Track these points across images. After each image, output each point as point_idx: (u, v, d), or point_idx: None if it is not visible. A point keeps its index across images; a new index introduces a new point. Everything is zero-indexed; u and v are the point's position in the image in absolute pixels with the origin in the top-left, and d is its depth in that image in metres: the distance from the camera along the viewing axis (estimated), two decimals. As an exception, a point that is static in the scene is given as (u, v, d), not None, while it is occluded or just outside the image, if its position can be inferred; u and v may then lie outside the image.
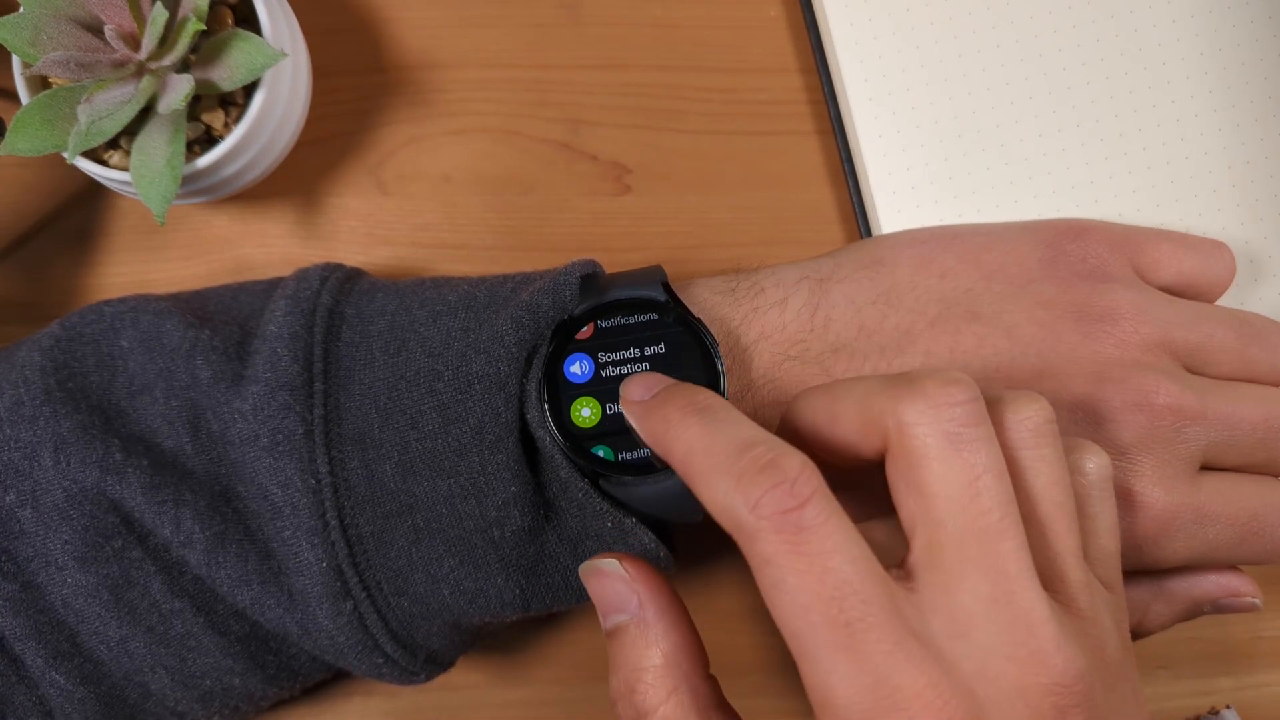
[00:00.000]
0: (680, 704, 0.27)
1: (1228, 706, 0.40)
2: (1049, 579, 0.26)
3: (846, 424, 0.27)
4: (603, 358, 0.32)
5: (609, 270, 0.34)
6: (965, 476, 0.25)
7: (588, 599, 0.33)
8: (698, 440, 0.27)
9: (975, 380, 0.33)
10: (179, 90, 0.33)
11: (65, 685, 0.31)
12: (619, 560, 0.29)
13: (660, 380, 0.30)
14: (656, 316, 0.32)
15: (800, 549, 0.24)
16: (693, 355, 0.32)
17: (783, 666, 0.40)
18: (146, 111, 0.34)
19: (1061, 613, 0.25)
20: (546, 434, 0.31)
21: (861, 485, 0.29)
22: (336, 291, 0.33)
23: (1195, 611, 0.35)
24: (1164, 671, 0.41)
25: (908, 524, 0.26)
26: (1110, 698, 0.26)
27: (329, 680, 0.37)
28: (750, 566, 0.25)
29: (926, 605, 0.25)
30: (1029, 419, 0.27)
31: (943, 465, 0.25)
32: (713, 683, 0.28)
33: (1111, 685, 0.26)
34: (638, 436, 0.30)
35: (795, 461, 0.25)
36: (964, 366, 0.33)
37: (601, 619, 0.29)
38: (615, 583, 0.29)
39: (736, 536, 0.25)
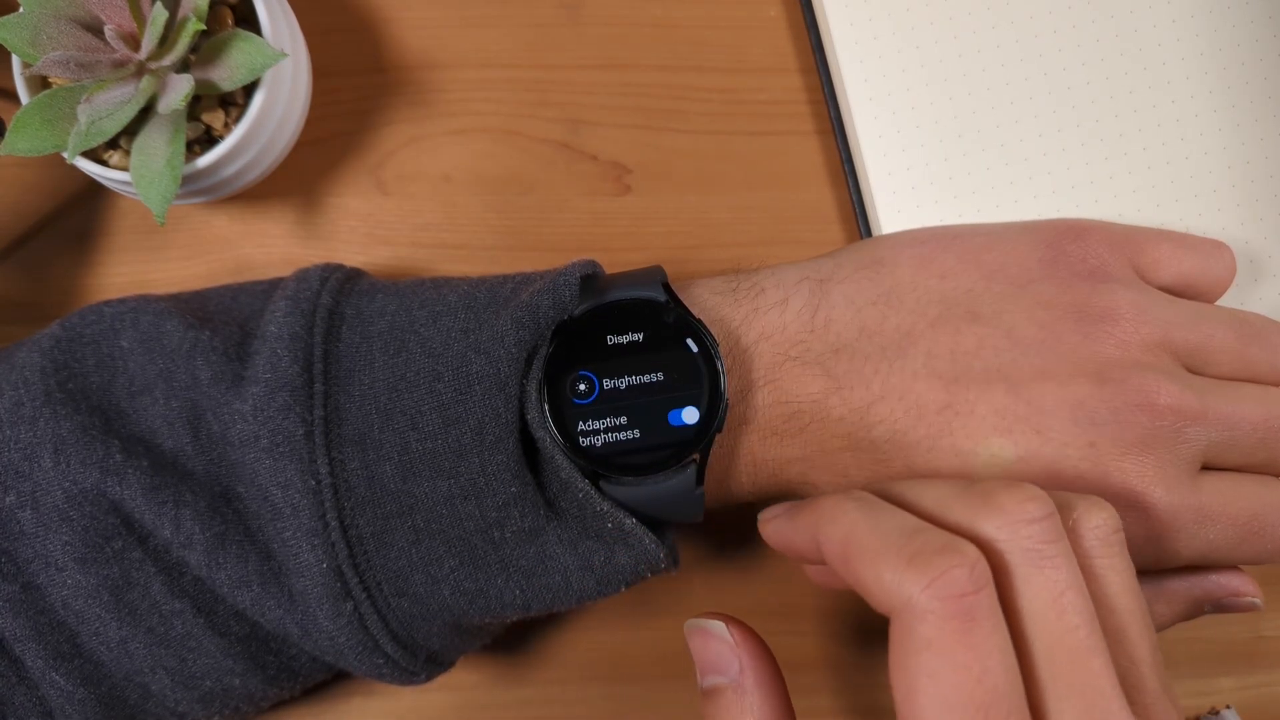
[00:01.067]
0: None
1: (1228, 706, 0.40)
2: (1127, 689, 0.26)
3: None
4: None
5: (609, 270, 0.34)
6: (1050, 594, 0.25)
7: (588, 600, 0.33)
8: (860, 523, 0.27)
9: (976, 382, 0.33)
10: (179, 90, 0.33)
11: (65, 686, 0.31)
12: (725, 623, 0.30)
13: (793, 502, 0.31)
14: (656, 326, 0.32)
15: (966, 639, 0.24)
16: (693, 355, 0.32)
17: (785, 666, 0.40)
18: (146, 111, 0.34)
19: None
20: (546, 434, 0.31)
21: None
22: (336, 292, 0.33)
23: (1196, 611, 0.35)
24: (1164, 671, 0.41)
25: None
26: None
27: (329, 681, 0.37)
28: (896, 647, 0.25)
29: None
30: (1099, 527, 0.28)
31: (1026, 585, 0.26)
32: None
33: None
34: (784, 548, 0.30)
35: (973, 549, 0.25)
36: (965, 368, 0.33)
37: (699, 676, 0.30)
38: (719, 645, 0.29)
39: (898, 618, 0.25)
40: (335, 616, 0.31)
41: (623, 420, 0.31)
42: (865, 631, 0.41)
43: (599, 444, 0.31)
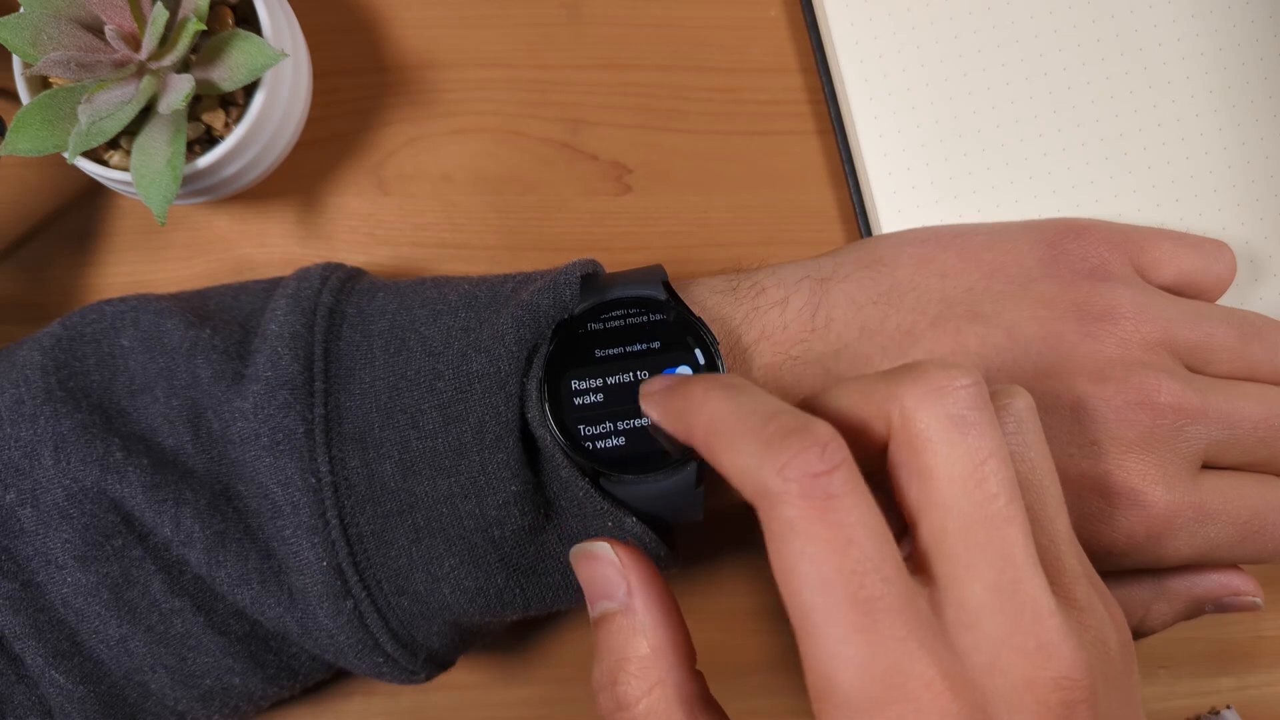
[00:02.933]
0: (664, 697, 0.27)
1: (1228, 706, 0.40)
2: (1046, 568, 0.26)
3: (849, 418, 0.27)
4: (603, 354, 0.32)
5: (609, 270, 0.34)
6: (971, 460, 0.25)
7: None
8: (723, 408, 0.26)
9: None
10: (179, 90, 0.33)
11: (65, 684, 0.31)
12: (611, 545, 0.29)
13: (681, 375, 0.30)
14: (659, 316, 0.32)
15: (826, 516, 0.23)
16: (694, 354, 0.32)
17: (785, 666, 0.40)
18: (147, 111, 0.34)
19: (1063, 605, 0.25)
20: (547, 433, 0.31)
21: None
22: (337, 291, 0.33)
23: (1197, 610, 0.35)
24: (1164, 671, 0.41)
25: (911, 512, 0.26)
26: (1111, 693, 0.25)
27: (329, 680, 0.37)
28: (768, 537, 0.24)
29: (936, 595, 0.25)
30: (1012, 405, 0.27)
31: (948, 449, 0.25)
32: (699, 678, 0.28)
33: (1113, 680, 0.25)
34: (656, 431, 0.30)
35: (826, 428, 0.24)
36: (965, 366, 0.33)
37: (589, 605, 0.29)
38: (606, 568, 0.28)
39: (758, 503, 0.24)
40: (335, 615, 0.31)
41: None
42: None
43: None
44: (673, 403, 0.28)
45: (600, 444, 0.31)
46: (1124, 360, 0.33)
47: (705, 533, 0.40)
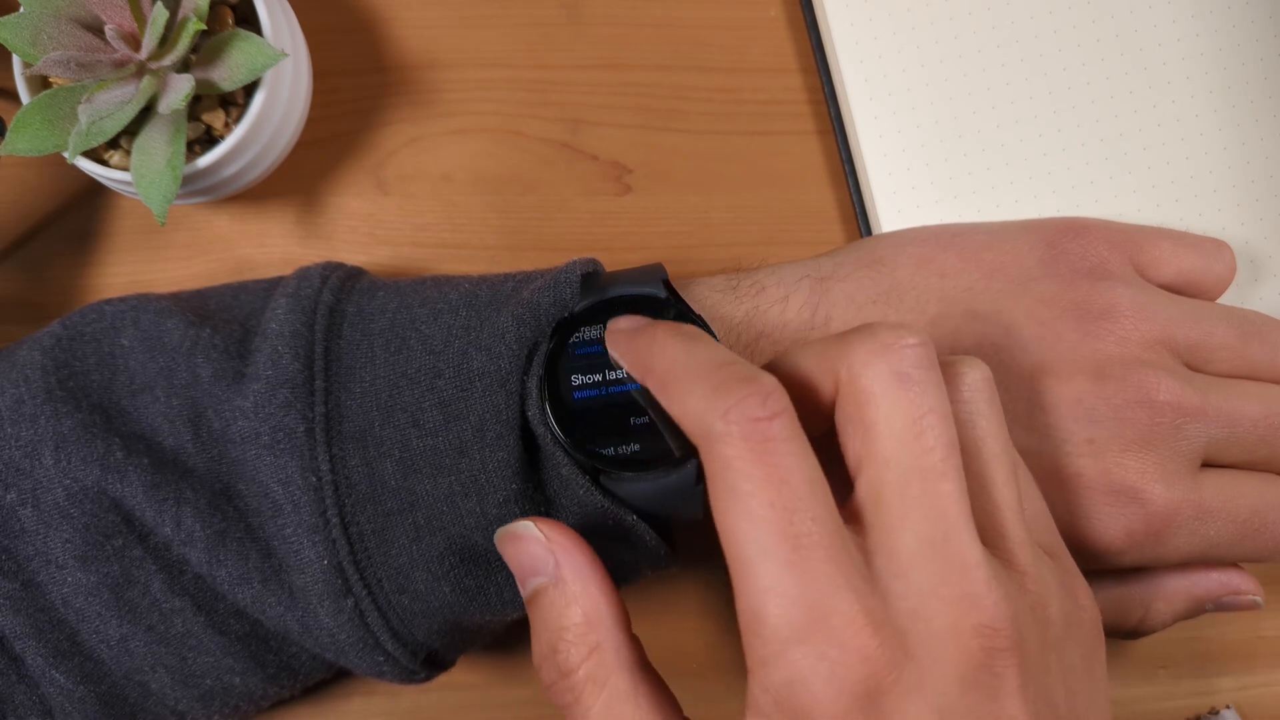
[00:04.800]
0: (602, 661, 0.27)
1: (1228, 706, 0.40)
2: (988, 533, 0.26)
3: (803, 377, 0.28)
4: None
5: (609, 270, 0.34)
6: (911, 414, 0.26)
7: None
8: (679, 353, 0.27)
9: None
10: (179, 90, 0.33)
11: (65, 684, 0.31)
12: (534, 522, 0.29)
13: (648, 319, 0.31)
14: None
15: (763, 458, 0.24)
16: None
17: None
18: (147, 111, 0.34)
19: (999, 565, 0.26)
20: (547, 431, 0.31)
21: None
22: (338, 290, 0.33)
23: (1197, 609, 0.35)
24: (1164, 671, 0.41)
25: (853, 464, 0.26)
26: (1051, 659, 0.26)
27: (329, 680, 0.37)
28: (708, 476, 0.25)
29: (869, 544, 0.25)
30: (966, 374, 0.28)
31: (889, 403, 0.26)
32: (636, 642, 0.28)
33: (1055, 646, 0.26)
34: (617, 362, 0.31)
35: (770, 380, 0.25)
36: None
37: (521, 586, 0.29)
38: (531, 545, 0.28)
39: (701, 444, 0.25)
40: (336, 613, 0.31)
41: None
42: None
43: None
44: (635, 342, 0.29)
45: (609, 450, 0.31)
46: (1123, 359, 0.33)
47: (703, 533, 0.40)
